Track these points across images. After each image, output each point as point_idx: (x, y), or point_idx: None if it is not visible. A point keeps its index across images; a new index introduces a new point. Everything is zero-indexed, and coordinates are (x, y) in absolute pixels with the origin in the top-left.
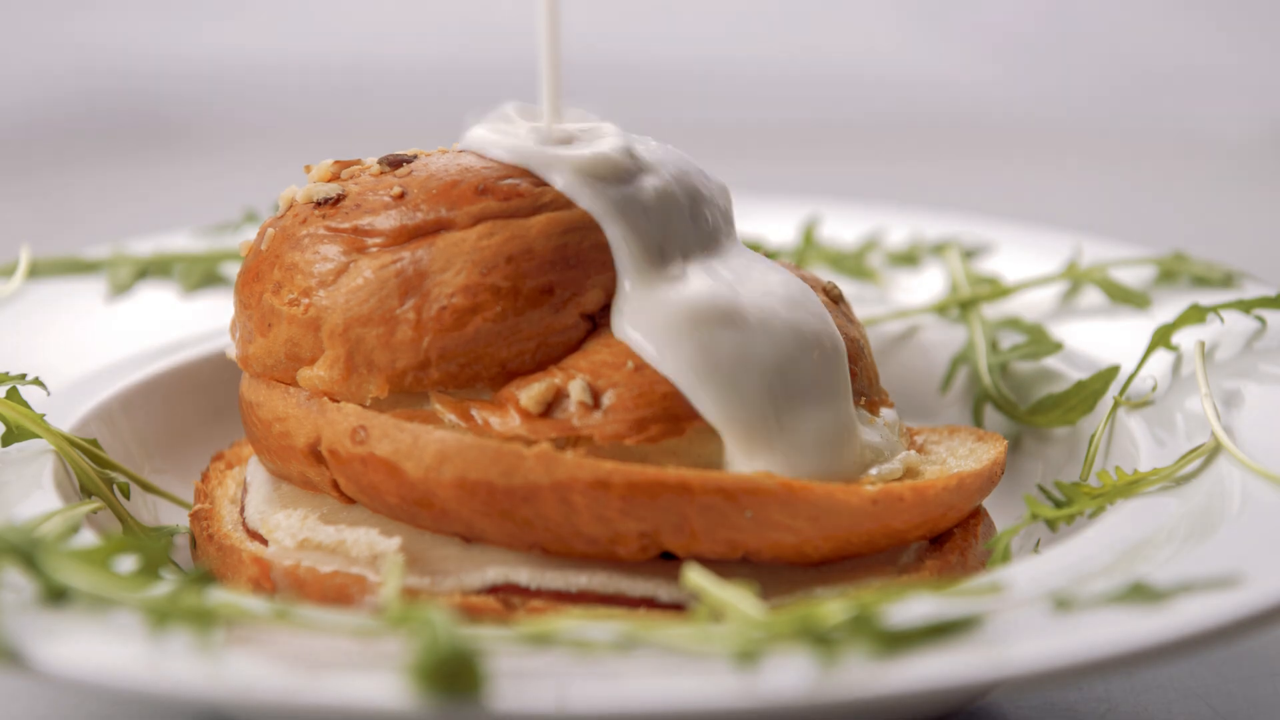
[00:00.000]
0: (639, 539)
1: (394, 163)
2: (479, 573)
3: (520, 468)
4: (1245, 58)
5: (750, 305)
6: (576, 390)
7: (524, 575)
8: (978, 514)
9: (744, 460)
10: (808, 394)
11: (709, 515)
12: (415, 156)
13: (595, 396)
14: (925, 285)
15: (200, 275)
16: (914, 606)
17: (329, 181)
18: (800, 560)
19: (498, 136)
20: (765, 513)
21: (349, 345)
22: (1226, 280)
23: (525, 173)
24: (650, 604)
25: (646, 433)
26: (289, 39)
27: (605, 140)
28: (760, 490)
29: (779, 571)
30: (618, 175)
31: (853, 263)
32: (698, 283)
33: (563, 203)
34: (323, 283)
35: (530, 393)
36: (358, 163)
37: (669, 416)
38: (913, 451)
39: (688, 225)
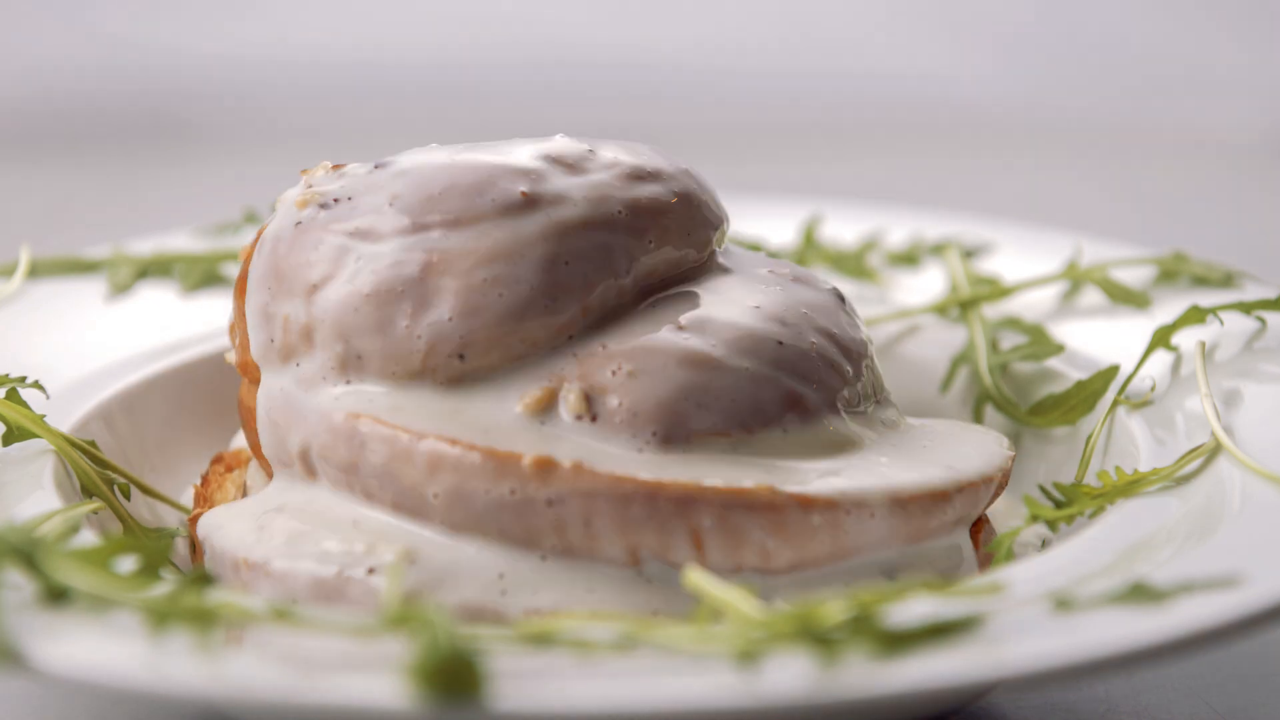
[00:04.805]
0: (639, 549)
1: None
2: (479, 575)
3: (516, 476)
4: (1246, 58)
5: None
6: (573, 396)
7: (524, 577)
8: (979, 519)
9: None
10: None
11: (713, 527)
12: None
13: (591, 403)
14: (925, 285)
15: (200, 275)
16: (914, 606)
17: (325, 185)
18: (806, 568)
19: None
20: (774, 525)
21: (346, 348)
22: (1226, 280)
23: (522, 173)
24: None
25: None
26: (290, 40)
27: None
28: (764, 504)
29: None
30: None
31: (853, 263)
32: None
33: (560, 203)
34: (320, 285)
35: (527, 398)
36: (354, 165)
37: (664, 424)
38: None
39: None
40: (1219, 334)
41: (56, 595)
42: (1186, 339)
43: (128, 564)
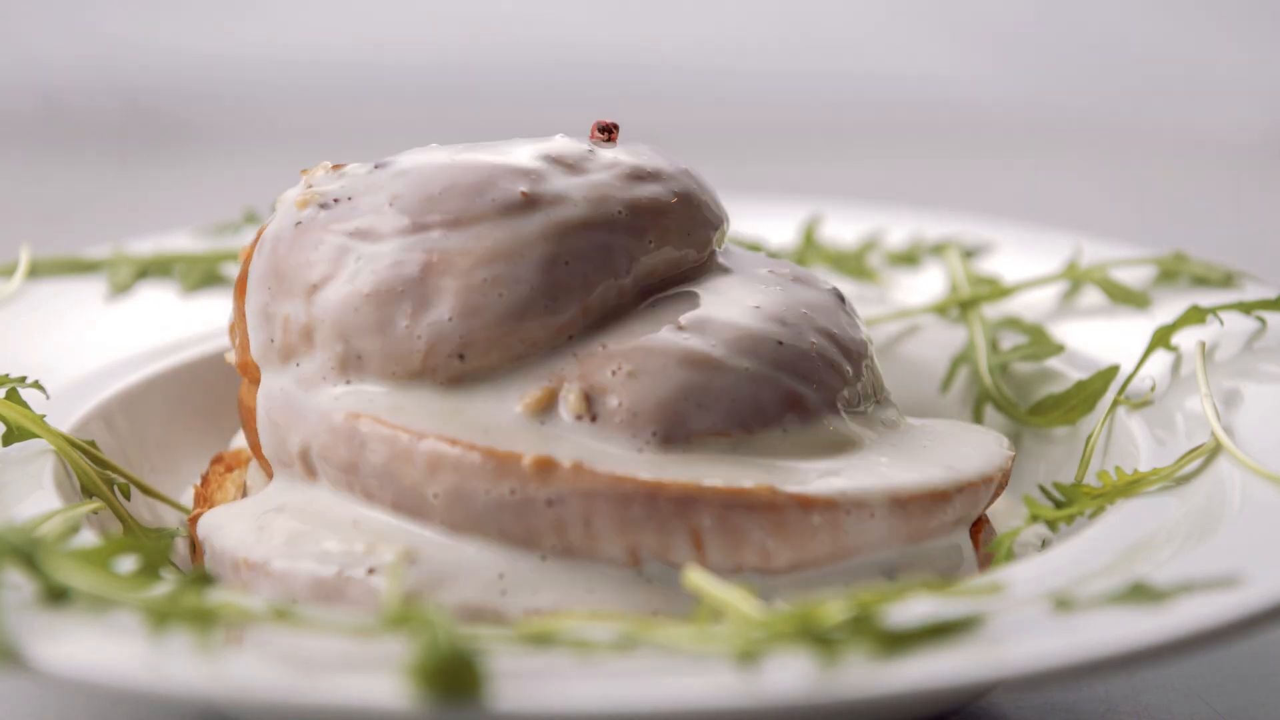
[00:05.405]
0: (639, 549)
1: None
2: (479, 575)
3: (516, 476)
4: (1246, 58)
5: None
6: (573, 396)
7: (524, 577)
8: (979, 519)
9: None
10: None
11: (713, 527)
12: None
13: (591, 403)
14: (925, 285)
15: (200, 275)
16: (914, 606)
17: (325, 185)
18: (806, 568)
19: None
20: (774, 525)
21: (346, 348)
22: (1226, 280)
23: (522, 173)
24: None
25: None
26: (290, 40)
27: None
28: (764, 504)
29: None
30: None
31: (853, 263)
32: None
33: (560, 203)
34: (320, 285)
35: (527, 398)
36: (354, 165)
37: (664, 424)
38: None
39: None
40: (1219, 334)
41: (56, 595)
42: (1186, 339)
43: (128, 564)
